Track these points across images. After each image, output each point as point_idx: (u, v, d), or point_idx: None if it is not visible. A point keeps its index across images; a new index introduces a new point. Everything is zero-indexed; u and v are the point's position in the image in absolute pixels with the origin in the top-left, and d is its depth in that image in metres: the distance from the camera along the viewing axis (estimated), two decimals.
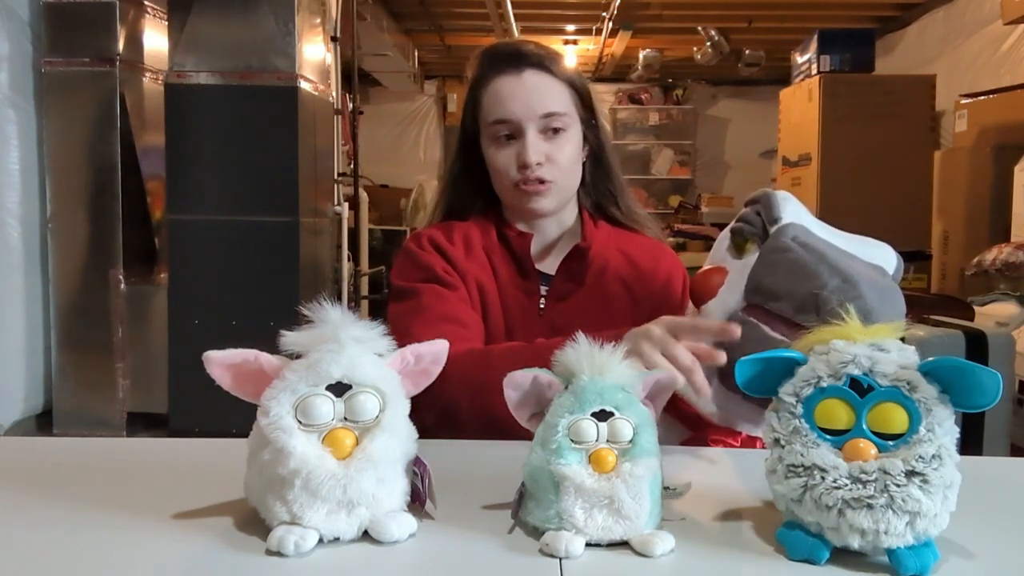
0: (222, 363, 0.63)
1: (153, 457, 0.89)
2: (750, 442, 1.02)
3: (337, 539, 0.61)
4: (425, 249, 1.19)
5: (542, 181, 1.14)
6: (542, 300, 1.18)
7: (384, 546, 0.62)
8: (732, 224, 1.00)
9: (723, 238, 1.02)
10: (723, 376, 0.95)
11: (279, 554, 0.59)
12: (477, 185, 1.23)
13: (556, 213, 1.21)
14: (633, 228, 1.26)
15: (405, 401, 0.66)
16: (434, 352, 0.70)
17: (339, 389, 0.62)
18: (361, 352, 0.63)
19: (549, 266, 1.21)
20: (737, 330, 0.85)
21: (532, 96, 1.14)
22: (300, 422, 0.60)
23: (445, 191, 1.27)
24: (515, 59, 1.16)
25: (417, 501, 0.67)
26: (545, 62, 1.16)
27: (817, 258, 0.85)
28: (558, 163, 1.15)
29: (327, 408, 0.61)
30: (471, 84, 1.20)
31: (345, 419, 0.62)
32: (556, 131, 1.15)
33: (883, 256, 0.93)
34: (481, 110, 1.18)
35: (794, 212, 0.92)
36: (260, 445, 0.61)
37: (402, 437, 0.64)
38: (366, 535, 0.62)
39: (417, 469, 0.67)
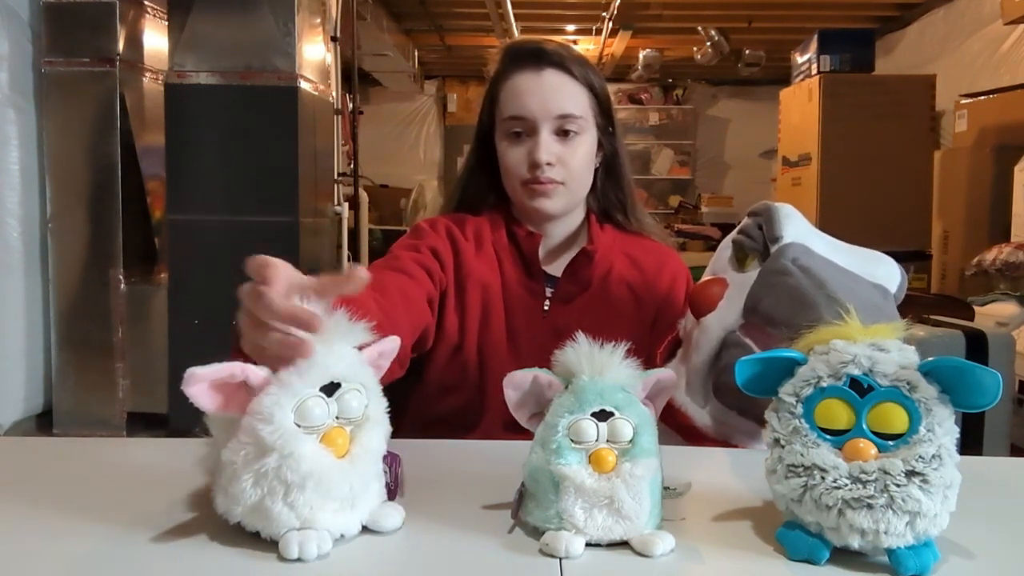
0: (206, 379, 0.60)
1: (153, 457, 0.89)
2: None
3: (342, 536, 0.62)
4: (437, 233, 1.19)
5: (551, 182, 1.14)
6: (547, 301, 1.18)
7: (384, 544, 0.62)
8: (733, 235, 0.99)
9: (725, 247, 1.00)
10: (718, 391, 0.94)
11: (299, 560, 0.58)
12: (491, 180, 1.22)
13: (562, 215, 1.20)
14: (639, 233, 1.26)
15: (381, 393, 0.67)
16: (389, 349, 0.71)
17: (328, 388, 0.62)
18: (347, 349, 0.64)
19: (554, 268, 1.21)
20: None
21: (549, 95, 1.13)
22: (299, 425, 0.60)
23: (460, 184, 1.27)
24: (537, 57, 1.15)
25: (389, 494, 0.68)
26: (567, 63, 1.15)
27: (816, 286, 0.84)
28: (569, 165, 1.14)
29: (322, 409, 0.61)
30: (491, 78, 1.19)
31: (336, 417, 0.63)
32: (570, 133, 1.14)
33: (886, 272, 0.92)
34: (498, 105, 1.17)
35: (796, 230, 0.90)
36: (258, 454, 0.60)
37: (386, 428, 0.66)
38: (363, 529, 0.64)
39: (385, 463, 0.67)
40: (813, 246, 0.90)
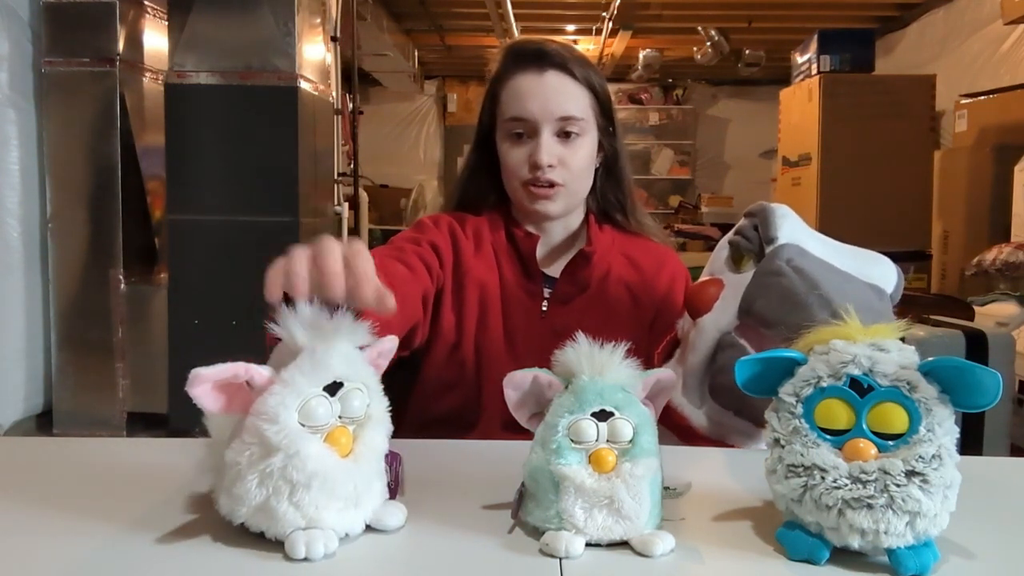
0: (210, 380, 0.61)
1: (153, 457, 0.89)
2: None
3: (347, 535, 0.62)
4: (440, 229, 1.19)
5: (552, 184, 1.14)
6: (545, 302, 1.18)
7: (387, 543, 0.63)
8: (730, 236, 0.99)
9: (722, 247, 1.00)
10: (714, 392, 0.94)
11: (305, 560, 0.58)
12: (491, 180, 1.22)
13: (563, 217, 1.20)
14: (639, 233, 1.26)
15: (382, 393, 0.67)
16: (388, 349, 0.71)
17: (331, 388, 0.62)
18: (350, 348, 0.64)
19: (553, 269, 1.21)
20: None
21: (551, 97, 1.13)
22: (303, 425, 0.61)
23: (460, 183, 1.27)
24: (539, 58, 1.15)
25: (390, 493, 0.68)
26: (569, 64, 1.15)
27: (809, 286, 0.84)
28: (570, 167, 1.14)
29: (325, 409, 0.61)
30: (492, 78, 1.19)
31: (339, 417, 0.63)
32: (571, 135, 1.14)
33: (882, 273, 0.92)
34: (499, 105, 1.17)
35: (791, 231, 0.91)
36: (263, 454, 0.60)
37: (388, 427, 0.66)
38: (366, 528, 0.64)
39: (386, 462, 0.68)
40: (808, 247, 0.90)
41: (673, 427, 0.98)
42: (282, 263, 0.65)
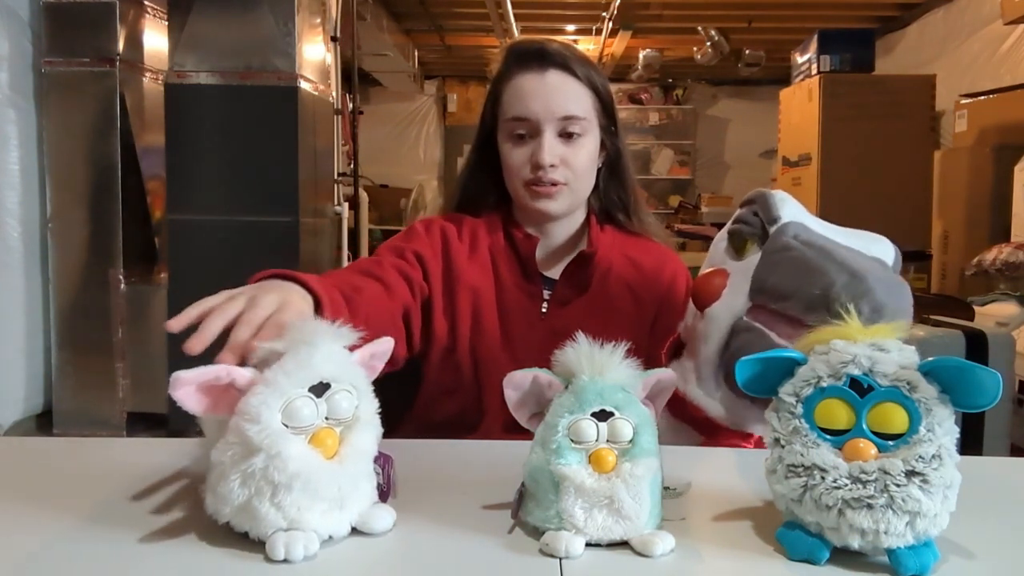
0: (193, 383, 0.61)
1: (153, 457, 0.89)
2: (763, 444, 1.02)
3: (330, 537, 0.62)
4: (431, 236, 1.18)
5: (554, 183, 1.14)
6: (544, 304, 1.18)
7: (374, 545, 0.62)
8: (729, 226, 0.99)
9: (720, 240, 1.01)
10: (729, 380, 0.94)
11: (285, 561, 0.58)
12: (492, 180, 1.22)
13: (565, 216, 1.20)
14: (640, 234, 1.26)
15: (373, 394, 0.67)
16: (383, 350, 0.71)
17: (318, 389, 0.62)
18: (337, 350, 0.64)
19: (553, 271, 1.20)
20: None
21: (553, 97, 1.13)
22: (286, 426, 0.60)
23: (460, 183, 1.27)
24: (540, 58, 1.15)
25: (381, 496, 0.68)
26: (571, 64, 1.15)
27: (822, 255, 0.84)
28: (572, 167, 1.14)
29: (310, 410, 0.61)
30: (494, 78, 1.19)
31: (326, 418, 0.63)
32: (573, 135, 1.14)
33: (881, 250, 0.92)
34: (501, 105, 1.17)
35: (792, 211, 0.92)
36: (245, 454, 0.60)
37: (377, 429, 0.66)
38: (352, 531, 0.64)
39: (378, 464, 0.67)
40: (810, 225, 0.91)
41: (692, 421, 0.98)
42: (209, 305, 0.72)
